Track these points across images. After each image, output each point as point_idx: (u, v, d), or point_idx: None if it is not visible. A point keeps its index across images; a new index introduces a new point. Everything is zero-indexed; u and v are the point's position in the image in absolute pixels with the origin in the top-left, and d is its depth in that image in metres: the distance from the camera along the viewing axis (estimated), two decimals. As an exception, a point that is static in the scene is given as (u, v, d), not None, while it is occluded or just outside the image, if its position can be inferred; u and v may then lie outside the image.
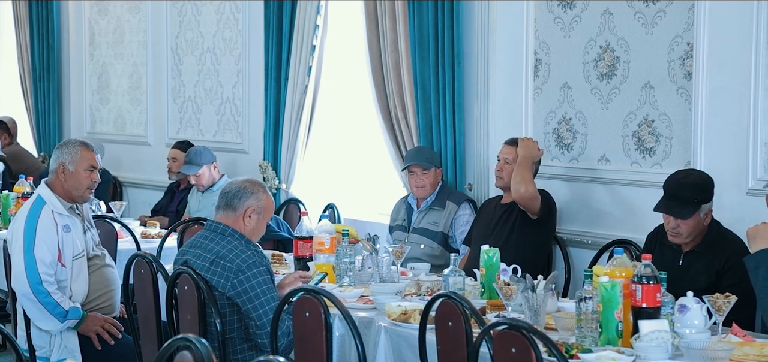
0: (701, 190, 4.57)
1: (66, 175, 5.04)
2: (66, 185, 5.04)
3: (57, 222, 4.97)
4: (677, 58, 5.39)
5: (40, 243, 4.91)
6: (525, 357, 3.42)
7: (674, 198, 4.58)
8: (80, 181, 5.05)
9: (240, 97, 8.25)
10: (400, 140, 6.70)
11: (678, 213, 4.54)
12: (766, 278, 4.03)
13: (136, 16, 9.28)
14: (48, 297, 4.89)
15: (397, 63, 6.63)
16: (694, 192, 4.55)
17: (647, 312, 3.76)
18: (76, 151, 5.07)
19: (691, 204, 4.53)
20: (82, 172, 5.06)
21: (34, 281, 4.88)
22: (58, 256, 4.94)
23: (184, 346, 2.91)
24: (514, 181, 5.53)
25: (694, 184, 4.58)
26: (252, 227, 4.48)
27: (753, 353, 3.68)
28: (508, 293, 4.23)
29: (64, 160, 5.06)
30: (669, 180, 4.66)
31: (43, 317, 4.92)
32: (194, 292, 4.37)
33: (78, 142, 5.17)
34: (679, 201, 4.55)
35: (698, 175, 4.71)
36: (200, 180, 7.27)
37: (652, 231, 4.80)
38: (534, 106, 6.10)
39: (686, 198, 4.54)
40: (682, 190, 4.56)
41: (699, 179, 4.64)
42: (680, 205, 4.54)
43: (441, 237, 6.05)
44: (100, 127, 9.77)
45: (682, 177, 4.65)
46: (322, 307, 4.05)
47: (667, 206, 4.58)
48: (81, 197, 5.09)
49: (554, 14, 5.95)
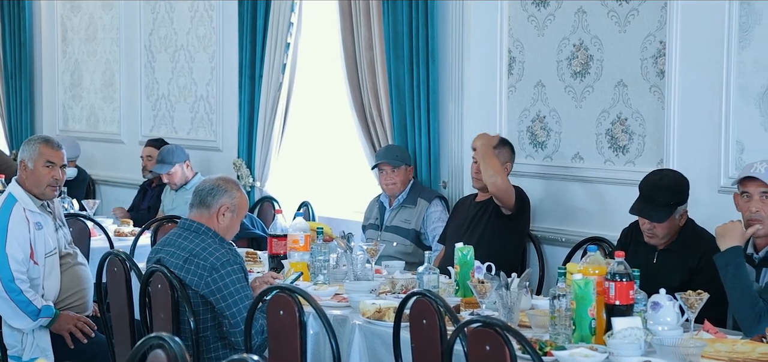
0: (676, 193, 4.56)
1: (27, 172, 5.01)
2: (27, 183, 5.00)
3: (29, 220, 4.94)
4: (650, 56, 5.43)
5: (11, 241, 4.88)
6: (499, 354, 3.43)
7: (649, 200, 4.57)
8: (39, 178, 4.99)
9: (214, 95, 8.22)
10: (374, 138, 6.70)
11: (653, 216, 4.54)
12: (735, 275, 4.05)
13: (109, 13, 9.23)
14: (20, 295, 4.86)
15: (371, 61, 6.63)
16: (670, 195, 4.54)
17: (620, 310, 3.78)
18: (35, 148, 5.01)
19: (667, 207, 4.52)
20: (41, 168, 4.99)
21: (6, 278, 4.85)
22: (30, 254, 4.91)
23: (157, 345, 2.90)
24: (487, 175, 5.52)
25: (669, 187, 4.57)
26: (226, 225, 4.46)
27: (724, 349, 3.70)
28: (482, 291, 4.24)
29: (24, 157, 5.03)
30: (644, 181, 4.65)
31: (15, 315, 4.89)
32: (168, 291, 4.36)
33: (39, 138, 5.11)
34: (655, 205, 4.54)
35: (674, 176, 4.68)
36: (172, 178, 7.24)
37: (627, 227, 4.81)
38: (508, 104, 6.12)
39: (662, 201, 4.53)
40: (658, 193, 4.55)
41: (674, 181, 4.62)
42: (656, 208, 4.54)
43: (413, 235, 6.06)
44: (73, 124, 9.72)
45: (658, 178, 4.63)
46: (297, 305, 4.04)
47: (643, 209, 4.59)
48: (42, 194, 5.01)
49: (528, 13, 5.97)
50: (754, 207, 4.16)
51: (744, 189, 4.21)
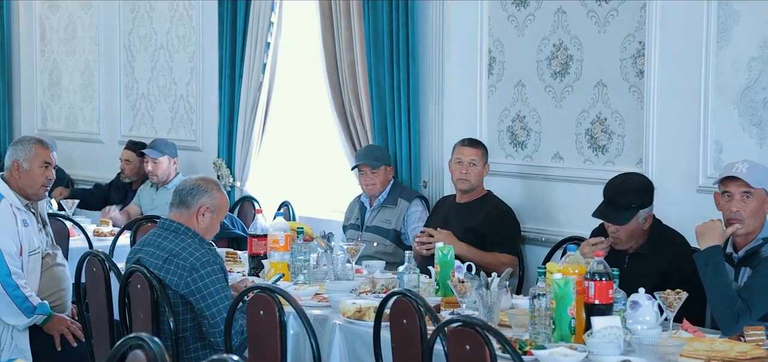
0: (639, 195, 4.56)
1: (20, 172, 5.01)
2: (20, 182, 5.00)
3: (16, 216, 4.93)
4: (629, 56, 5.45)
5: (3, 236, 4.86)
6: (479, 353, 3.43)
7: (611, 203, 4.58)
8: (34, 179, 5.02)
9: (194, 95, 8.20)
10: (355, 138, 6.70)
11: (615, 219, 4.55)
12: (714, 275, 4.08)
13: (88, 13, 9.20)
14: (17, 290, 4.83)
15: (352, 61, 6.63)
16: (632, 198, 4.55)
17: (600, 309, 3.80)
18: (30, 148, 5.04)
19: (628, 209, 4.52)
20: (37, 169, 5.02)
21: (3, 273, 4.82)
22: (19, 250, 4.90)
23: (136, 345, 2.89)
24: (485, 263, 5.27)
25: (631, 190, 4.57)
26: (206, 225, 4.45)
27: (703, 348, 3.72)
28: (462, 290, 4.25)
29: (18, 157, 5.03)
30: (608, 184, 4.66)
31: (9, 311, 4.85)
32: (147, 291, 4.34)
33: (33, 139, 5.16)
34: (616, 207, 4.55)
35: (636, 179, 4.68)
36: (157, 168, 7.27)
37: (596, 229, 4.83)
38: (488, 104, 6.13)
39: (623, 204, 4.53)
40: (620, 196, 4.56)
41: (637, 184, 4.62)
42: (617, 211, 4.54)
43: (393, 235, 6.06)
44: (51, 124, 9.67)
45: (620, 182, 4.63)
46: (277, 305, 4.04)
47: (604, 212, 4.60)
48: (36, 194, 5.05)
49: (508, 13, 5.99)
50: (734, 207, 4.18)
51: (725, 188, 4.23)
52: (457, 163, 5.74)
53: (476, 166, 5.71)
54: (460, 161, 5.73)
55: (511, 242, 5.67)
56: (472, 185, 5.73)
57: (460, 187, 5.76)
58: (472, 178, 5.71)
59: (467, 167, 5.70)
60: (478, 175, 5.72)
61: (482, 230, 5.63)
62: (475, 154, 5.72)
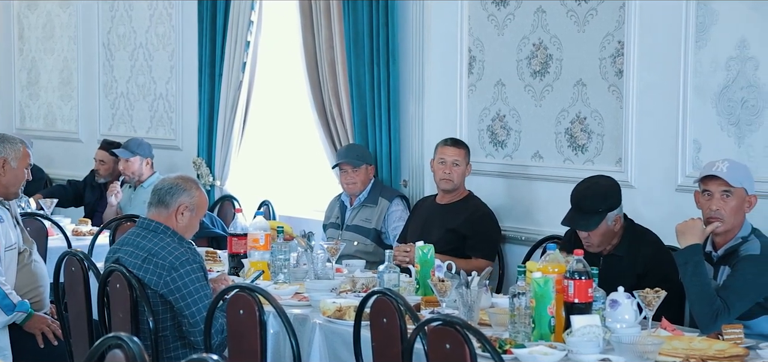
0: (605, 199, 4.57)
1: (6, 169, 5.06)
2: (4, 179, 5.03)
3: None
4: (609, 55, 5.46)
5: None
6: (459, 352, 3.43)
7: (578, 209, 4.59)
8: (18, 178, 5.10)
9: (173, 93, 8.17)
10: (335, 137, 6.69)
11: (583, 226, 4.55)
12: (694, 273, 4.09)
13: (67, 11, 9.15)
14: None
15: (332, 60, 6.62)
16: (598, 202, 4.55)
17: (579, 308, 3.81)
18: (18, 149, 5.12)
19: (597, 214, 4.53)
20: (23, 169, 5.11)
21: None
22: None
23: (115, 345, 2.88)
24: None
25: (597, 194, 4.57)
26: (185, 224, 4.44)
27: (681, 347, 3.74)
28: (442, 289, 4.25)
29: (7, 155, 5.08)
30: (574, 191, 4.66)
31: None
32: (126, 290, 4.33)
33: (19, 140, 5.22)
34: (584, 213, 4.55)
35: (603, 183, 4.68)
36: (128, 167, 7.23)
37: (570, 231, 4.84)
38: (468, 103, 6.14)
39: (591, 209, 4.54)
40: (586, 202, 4.57)
41: (602, 188, 4.62)
42: (586, 217, 4.54)
43: (374, 234, 6.06)
44: (29, 123, 9.62)
45: (585, 188, 4.64)
46: (257, 304, 4.03)
47: (573, 219, 4.61)
48: (15, 193, 5.11)
49: (488, 12, 5.99)
50: (714, 206, 4.20)
51: (705, 187, 4.25)
52: (440, 162, 5.74)
53: (459, 166, 5.71)
54: (443, 161, 5.73)
55: (490, 246, 5.68)
56: (455, 185, 5.73)
57: (442, 187, 5.76)
58: (455, 178, 5.72)
59: (450, 167, 5.71)
60: (461, 175, 5.73)
61: (463, 232, 5.64)
62: (459, 154, 5.72)
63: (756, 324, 4.15)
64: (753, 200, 4.24)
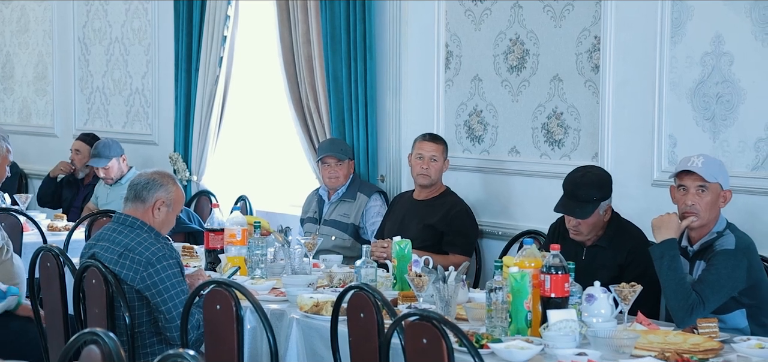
0: (599, 188, 4.60)
1: None
2: None
3: None
4: (585, 51, 5.48)
5: None
6: (436, 347, 3.44)
7: (573, 197, 4.61)
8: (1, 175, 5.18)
9: (149, 88, 8.14)
10: (312, 132, 6.69)
11: (577, 213, 4.58)
12: (669, 267, 4.12)
13: (42, 5, 9.09)
14: None
15: (309, 56, 6.61)
16: (592, 191, 4.58)
17: (555, 302, 3.82)
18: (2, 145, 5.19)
19: (590, 202, 4.56)
20: (6, 167, 5.20)
21: None
22: None
23: (91, 340, 2.87)
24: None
25: (591, 183, 4.61)
26: (161, 219, 4.42)
27: (657, 341, 3.76)
28: (419, 284, 4.25)
29: None
30: (567, 179, 4.69)
31: None
32: (102, 286, 4.31)
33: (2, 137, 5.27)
34: (578, 201, 4.58)
35: (597, 172, 4.72)
36: (109, 173, 7.15)
37: (554, 223, 4.85)
38: (445, 99, 6.15)
39: (585, 198, 4.57)
40: (580, 190, 4.60)
41: (597, 177, 4.66)
42: (579, 205, 4.58)
43: (352, 229, 6.06)
44: (4, 117, 9.55)
45: (580, 176, 4.67)
46: (234, 299, 4.02)
47: (566, 206, 4.63)
48: None
49: (465, 7, 6.00)
50: (690, 201, 4.23)
51: (681, 182, 4.27)
52: (417, 157, 5.74)
53: (437, 161, 5.72)
54: (420, 156, 5.73)
55: (467, 242, 5.69)
56: (433, 180, 5.74)
57: (420, 182, 5.77)
58: (433, 174, 5.72)
59: (428, 162, 5.72)
60: (438, 170, 5.74)
61: (440, 228, 5.65)
62: (436, 150, 5.73)
63: (730, 319, 4.18)
64: (728, 195, 4.27)
